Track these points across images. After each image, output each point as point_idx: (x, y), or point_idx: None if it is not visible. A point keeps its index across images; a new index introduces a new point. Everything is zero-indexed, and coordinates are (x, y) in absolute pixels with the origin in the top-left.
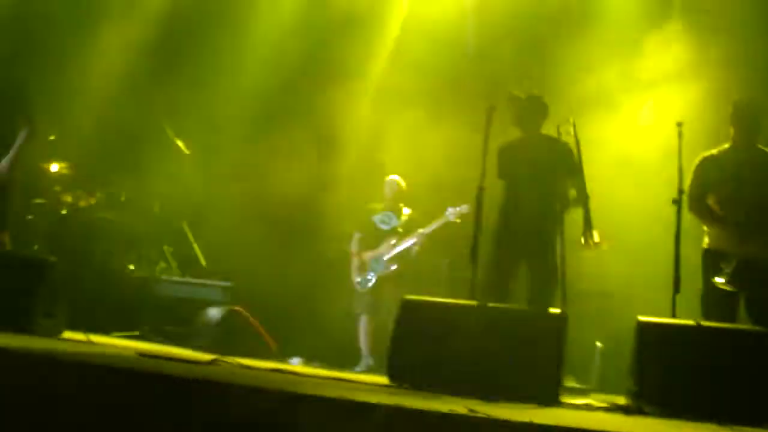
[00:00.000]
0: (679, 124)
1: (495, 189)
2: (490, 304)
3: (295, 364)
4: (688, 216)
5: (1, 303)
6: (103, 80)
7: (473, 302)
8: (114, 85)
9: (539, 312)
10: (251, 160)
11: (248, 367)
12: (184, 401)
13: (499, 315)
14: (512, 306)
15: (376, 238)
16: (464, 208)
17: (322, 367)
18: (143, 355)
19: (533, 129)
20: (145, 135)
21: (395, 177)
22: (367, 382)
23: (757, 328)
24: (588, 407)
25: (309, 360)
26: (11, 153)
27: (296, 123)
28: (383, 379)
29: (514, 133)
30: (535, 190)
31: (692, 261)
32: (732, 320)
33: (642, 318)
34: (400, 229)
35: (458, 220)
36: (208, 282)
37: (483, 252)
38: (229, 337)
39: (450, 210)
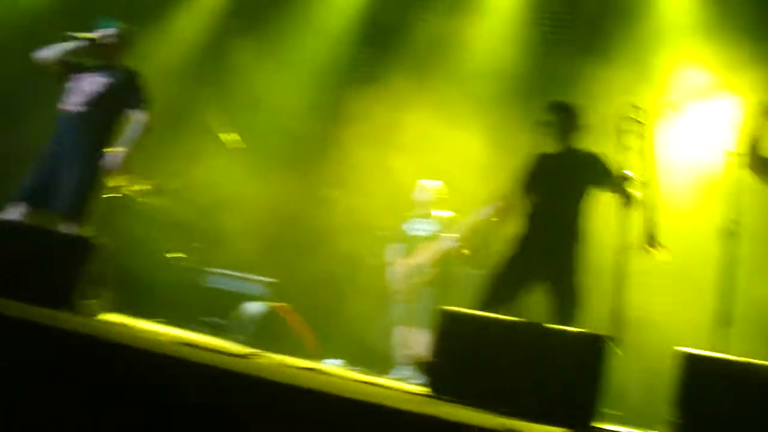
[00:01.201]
0: (730, 152)
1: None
2: (535, 322)
3: (335, 366)
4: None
5: (46, 280)
6: (169, 69)
7: (515, 318)
8: (178, 76)
9: (584, 334)
10: (286, 158)
11: (285, 365)
12: (216, 391)
13: (542, 333)
14: (558, 326)
15: (411, 245)
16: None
17: (360, 371)
18: (181, 342)
19: (565, 142)
20: (201, 126)
21: (428, 181)
22: (403, 390)
23: None
24: None
25: (348, 364)
26: (128, 145)
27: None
28: (421, 389)
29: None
30: (552, 206)
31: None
32: None
33: (685, 350)
34: (435, 234)
35: (494, 219)
36: (253, 276)
37: None
38: (269, 333)
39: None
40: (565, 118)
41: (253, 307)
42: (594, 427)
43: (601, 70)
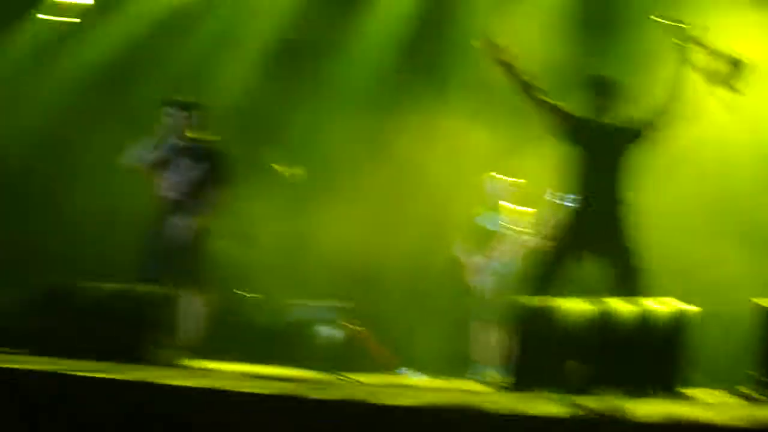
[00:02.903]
0: None
1: None
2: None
3: (414, 377)
4: None
5: (121, 333)
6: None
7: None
8: (231, 115)
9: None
10: (362, 176)
11: (366, 384)
12: (303, 422)
13: (626, 315)
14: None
15: (484, 240)
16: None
17: (438, 377)
18: (257, 377)
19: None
20: (255, 164)
21: (495, 174)
22: (483, 391)
23: None
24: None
25: (426, 371)
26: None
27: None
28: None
29: None
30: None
31: None
32: None
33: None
34: (509, 226)
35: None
36: (325, 303)
37: None
38: (346, 355)
39: (550, 191)
40: (602, 92)
41: (328, 332)
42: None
43: None
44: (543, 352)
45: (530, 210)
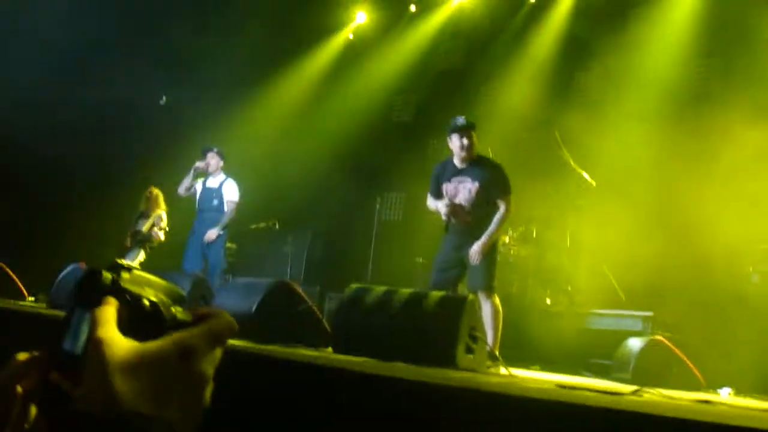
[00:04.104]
0: None
1: None
2: None
3: (725, 396)
4: None
5: (425, 338)
6: (515, 116)
7: None
8: (524, 121)
9: None
10: (660, 183)
11: (672, 398)
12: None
13: None
14: None
15: None
16: None
17: (758, 398)
18: (563, 386)
19: None
20: (551, 169)
21: None
22: None
23: None
24: None
25: (741, 391)
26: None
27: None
28: None
29: None
30: None
31: None
32: None
33: None
34: None
35: None
36: (628, 312)
37: None
38: (651, 368)
39: None
40: None
41: (633, 343)
42: None
43: None
44: None
45: None
